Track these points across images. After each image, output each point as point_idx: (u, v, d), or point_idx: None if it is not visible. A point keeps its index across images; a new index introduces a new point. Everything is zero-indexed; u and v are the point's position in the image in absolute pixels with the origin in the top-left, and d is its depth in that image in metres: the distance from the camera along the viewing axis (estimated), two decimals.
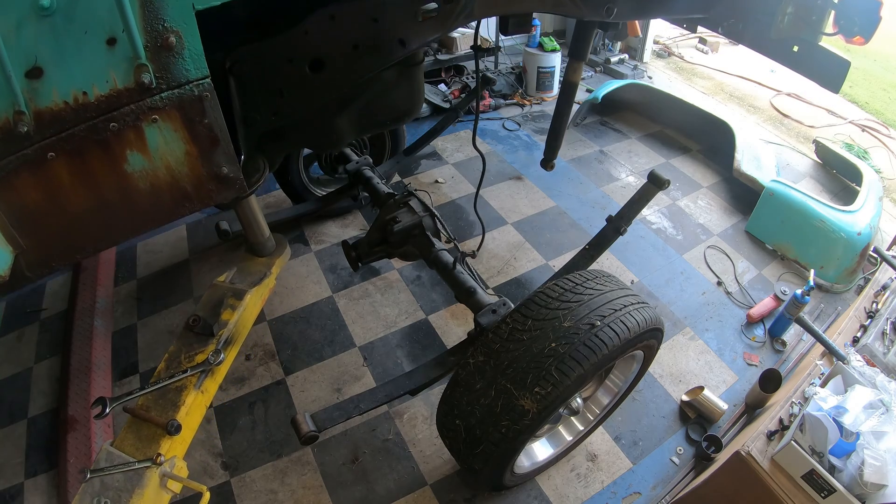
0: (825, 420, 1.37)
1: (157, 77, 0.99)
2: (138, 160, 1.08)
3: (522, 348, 1.35)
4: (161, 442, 1.37)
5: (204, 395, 1.54)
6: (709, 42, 5.28)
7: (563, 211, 3.06)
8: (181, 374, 1.48)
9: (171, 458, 1.38)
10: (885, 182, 3.42)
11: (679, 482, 1.88)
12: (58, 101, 0.94)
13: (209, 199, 1.24)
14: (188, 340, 1.60)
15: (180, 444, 1.45)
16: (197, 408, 1.51)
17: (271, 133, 1.52)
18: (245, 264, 1.93)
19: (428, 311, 2.46)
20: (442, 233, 1.98)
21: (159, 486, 1.33)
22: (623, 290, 1.49)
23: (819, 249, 2.64)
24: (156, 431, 1.39)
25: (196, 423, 1.54)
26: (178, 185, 1.16)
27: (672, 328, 2.41)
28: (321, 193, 2.86)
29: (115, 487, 1.28)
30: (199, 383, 1.50)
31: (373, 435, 1.99)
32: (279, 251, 2.01)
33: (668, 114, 3.81)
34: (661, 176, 1.90)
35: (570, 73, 2.26)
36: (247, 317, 1.75)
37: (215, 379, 1.59)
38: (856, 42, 1.52)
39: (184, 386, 1.48)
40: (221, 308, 1.68)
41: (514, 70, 4.44)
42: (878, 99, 4.63)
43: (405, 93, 1.80)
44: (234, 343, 1.67)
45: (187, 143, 1.12)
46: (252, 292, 1.76)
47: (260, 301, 1.86)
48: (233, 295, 1.74)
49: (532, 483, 1.87)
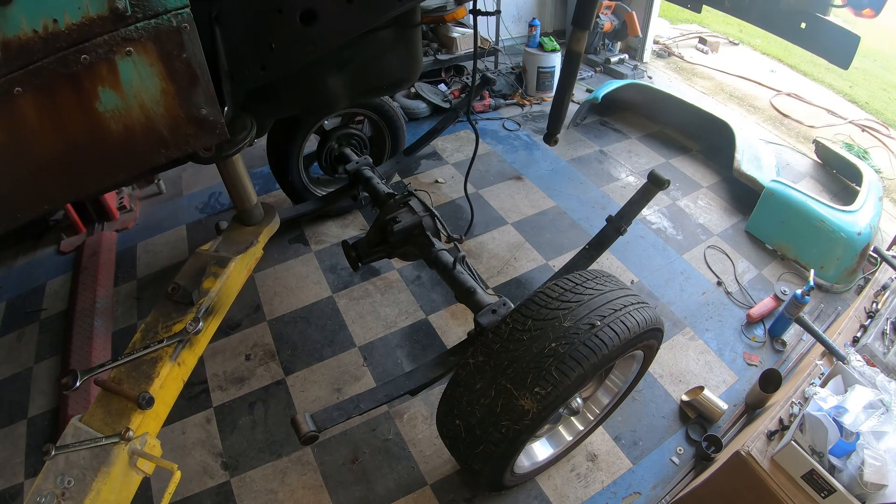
0: (825, 420, 1.37)
1: (132, 4, 0.92)
2: (111, 98, 1.00)
3: (522, 348, 1.35)
4: (131, 416, 1.27)
5: (181, 368, 1.44)
6: (709, 42, 5.28)
7: (563, 211, 3.06)
8: (156, 344, 1.38)
9: (143, 434, 1.28)
10: (885, 182, 3.42)
11: (679, 482, 1.88)
12: (26, 30, 0.87)
13: (186, 143, 1.15)
14: (166, 310, 1.50)
15: (153, 419, 1.36)
16: (172, 381, 1.41)
17: (260, 92, 1.44)
18: (231, 233, 1.84)
19: (428, 311, 2.46)
20: (442, 233, 1.98)
21: (128, 465, 1.24)
22: (623, 290, 1.49)
23: (819, 249, 2.64)
24: (126, 405, 1.29)
25: (172, 397, 1.44)
26: (153, 128, 1.08)
27: (672, 328, 2.41)
28: (321, 193, 2.86)
29: (80, 465, 1.19)
30: (175, 354, 1.40)
31: (373, 435, 1.99)
32: (268, 220, 1.92)
33: (668, 114, 3.81)
34: (661, 176, 1.90)
35: (574, 42, 2.18)
36: (230, 286, 1.65)
37: (194, 351, 1.49)
38: (865, 15, 1.47)
39: (159, 357, 1.38)
40: (203, 276, 1.58)
41: (514, 70, 4.44)
42: (878, 99, 4.63)
43: (402, 57, 1.73)
44: (215, 313, 1.57)
45: (163, 79, 1.03)
46: (237, 260, 1.67)
47: (245, 270, 1.76)
48: (216, 263, 1.63)
49: (532, 483, 1.87)
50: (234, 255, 1.68)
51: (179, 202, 3.18)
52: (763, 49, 5.49)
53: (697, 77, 4.76)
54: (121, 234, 2.94)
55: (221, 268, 1.62)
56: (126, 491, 1.25)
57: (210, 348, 2.30)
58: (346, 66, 1.59)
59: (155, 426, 1.38)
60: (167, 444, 1.96)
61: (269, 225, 1.91)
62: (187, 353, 1.46)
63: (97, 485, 1.17)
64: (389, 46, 1.65)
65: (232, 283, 1.66)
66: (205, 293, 1.54)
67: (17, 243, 2.88)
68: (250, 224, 1.89)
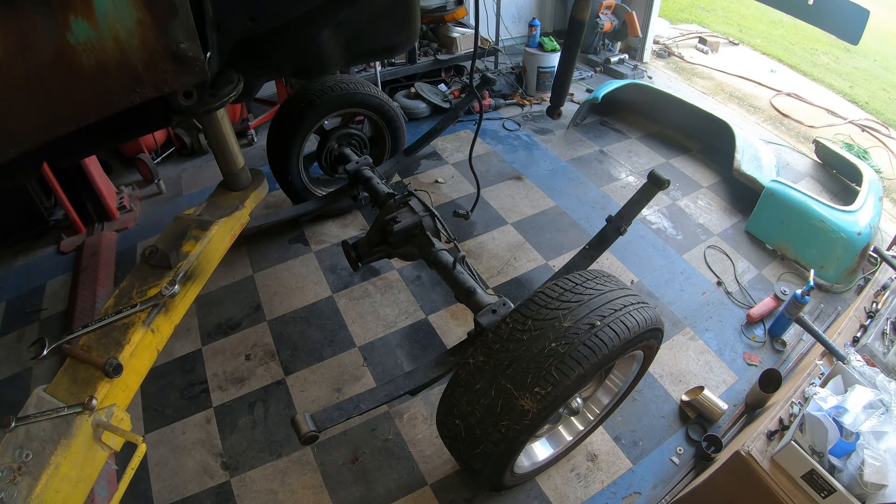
0: (825, 420, 1.37)
1: None
2: (83, 29, 0.93)
3: (522, 348, 1.35)
4: (98, 385, 1.18)
5: (155, 335, 1.35)
6: (709, 42, 5.28)
7: (563, 211, 3.06)
8: (129, 309, 1.29)
9: (110, 406, 1.19)
10: (885, 182, 3.42)
11: (679, 482, 1.88)
12: None
13: (163, 81, 1.07)
14: (142, 274, 1.40)
15: (122, 390, 1.26)
16: (145, 348, 1.31)
17: (250, 48, 1.39)
18: (217, 198, 1.75)
19: (428, 311, 2.46)
20: (442, 233, 1.98)
21: (92, 438, 1.14)
22: (623, 290, 1.49)
23: (819, 249, 2.64)
24: (94, 374, 1.20)
25: (144, 367, 1.35)
26: (127, 63, 1.00)
27: (672, 328, 2.41)
28: (321, 193, 2.86)
29: (40, 438, 1.11)
30: (148, 320, 1.30)
31: (373, 435, 1.99)
32: (255, 184, 1.84)
33: (668, 114, 3.81)
34: (661, 176, 1.90)
35: (577, 11, 2.14)
36: (212, 250, 1.56)
37: (170, 317, 1.40)
38: None
39: (131, 323, 1.29)
40: (183, 240, 1.49)
41: (514, 70, 4.44)
42: (878, 99, 4.63)
43: (399, 21, 1.68)
44: (195, 278, 1.48)
45: (140, 9, 0.96)
46: (220, 223, 1.58)
47: (229, 235, 1.67)
48: (197, 226, 1.54)
49: (532, 483, 1.87)
50: (218, 219, 1.59)
51: (179, 202, 3.18)
52: (763, 49, 5.49)
53: (697, 77, 4.76)
54: (121, 234, 2.94)
55: (203, 231, 1.53)
56: (89, 467, 1.16)
57: (210, 348, 2.30)
58: (342, 27, 1.52)
59: (124, 398, 1.27)
60: (167, 443, 1.96)
61: (256, 190, 1.81)
62: (162, 320, 1.36)
63: (56, 458, 1.09)
64: (387, 9, 1.60)
65: (214, 248, 1.56)
66: (184, 256, 1.44)
67: (17, 243, 2.88)
68: (237, 189, 1.79)
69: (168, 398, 2.13)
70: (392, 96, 3.90)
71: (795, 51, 5.59)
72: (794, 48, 5.67)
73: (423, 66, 3.98)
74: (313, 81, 2.59)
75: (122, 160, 3.41)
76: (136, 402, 2.11)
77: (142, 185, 3.27)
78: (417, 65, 3.94)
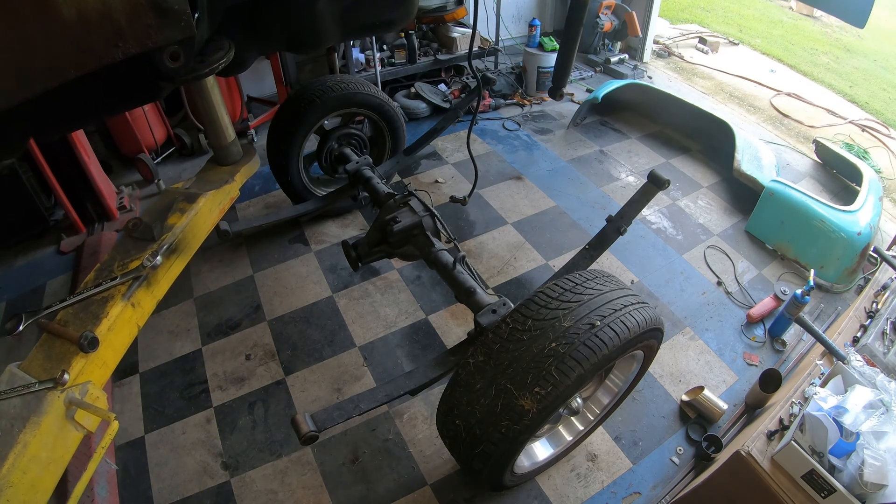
0: (825, 420, 1.37)
1: None
2: None
3: (522, 348, 1.35)
4: (72, 361, 1.12)
5: (135, 310, 1.29)
6: (709, 42, 5.28)
7: (563, 211, 3.06)
8: (109, 282, 1.23)
9: (84, 383, 1.12)
10: (885, 182, 3.42)
11: (679, 482, 1.88)
12: None
13: (147, 36, 1.02)
14: (125, 247, 1.35)
15: (99, 367, 1.20)
16: (124, 323, 1.25)
17: (242, 17, 1.35)
18: (206, 173, 1.70)
19: (428, 311, 2.46)
20: (442, 233, 1.98)
21: (64, 417, 1.07)
22: (623, 290, 1.49)
23: (819, 249, 2.64)
24: (69, 349, 1.15)
25: (123, 343, 1.28)
26: (109, 16, 0.97)
27: (672, 328, 2.41)
28: (321, 193, 2.86)
29: (9, 415, 1.04)
30: (129, 293, 1.25)
31: (373, 435, 1.99)
32: (246, 159, 1.78)
33: (668, 114, 3.81)
34: (661, 176, 1.90)
35: None
36: (199, 223, 1.52)
37: (152, 291, 1.34)
38: None
39: (110, 296, 1.23)
40: (169, 213, 1.44)
41: (514, 70, 4.44)
42: (878, 99, 4.63)
43: None
44: (180, 251, 1.43)
45: None
46: (207, 196, 1.53)
47: (217, 209, 1.63)
48: (184, 199, 1.49)
49: (532, 483, 1.87)
50: (205, 192, 1.54)
51: None
52: (763, 49, 5.49)
53: (697, 77, 4.76)
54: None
55: (190, 203, 1.48)
56: (61, 448, 1.09)
57: (210, 348, 2.30)
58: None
59: (101, 375, 1.21)
60: (167, 443, 1.96)
61: (247, 164, 1.75)
62: (143, 294, 1.30)
63: (24, 437, 1.02)
64: None
65: (201, 221, 1.52)
66: (168, 229, 1.39)
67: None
68: (227, 164, 1.74)
69: (168, 398, 2.13)
70: (392, 96, 3.91)
71: (795, 51, 5.60)
72: (794, 48, 5.67)
73: (423, 66, 3.98)
74: (312, 81, 2.59)
75: (122, 160, 3.41)
76: (136, 402, 2.12)
77: (142, 185, 3.27)
78: (417, 65, 3.95)
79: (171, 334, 2.37)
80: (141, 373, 2.22)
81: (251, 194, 3.20)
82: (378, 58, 3.74)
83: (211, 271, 2.67)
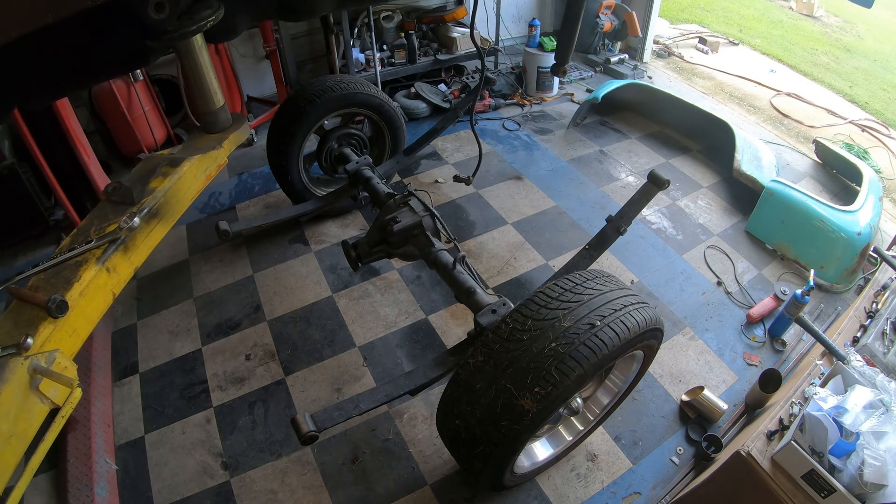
0: (825, 420, 1.37)
1: None
2: None
3: (522, 348, 1.35)
4: (39, 327, 1.04)
5: (110, 276, 1.21)
6: (709, 42, 5.28)
7: (563, 211, 3.06)
8: (84, 245, 1.17)
9: (52, 351, 1.04)
10: (885, 182, 3.42)
11: (679, 482, 1.88)
12: None
13: None
14: (103, 212, 1.29)
15: (68, 335, 1.12)
16: (98, 289, 1.17)
17: None
18: (193, 141, 1.63)
19: (428, 311, 2.46)
20: (442, 233, 1.98)
21: (28, 387, 0.99)
22: (623, 290, 1.49)
23: (819, 249, 2.64)
24: (37, 315, 1.07)
25: (96, 311, 1.20)
26: None
27: (672, 328, 2.41)
28: (321, 193, 2.86)
29: None
30: (103, 257, 1.18)
31: (373, 435, 1.99)
32: (235, 126, 1.71)
33: (668, 114, 3.81)
34: (661, 176, 1.90)
35: None
36: (182, 188, 1.44)
37: (129, 257, 1.27)
38: None
39: (84, 260, 1.16)
40: (152, 177, 1.37)
41: (514, 70, 4.44)
42: (878, 99, 4.63)
43: None
44: (161, 216, 1.36)
45: None
46: (192, 161, 1.47)
47: (203, 175, 1.56)
48: (168, 163, 1.43)
49: (532, 483, 1.87)
50: (190, 157, 1.47)
51: None
52: (763, 49, 5.49)
53: (697, 77, 4.76)
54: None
55: (173, 167, 1.42)
56: (24, 422, 1.00)
57: (210, 348, 2.30)
58: None
59: (70, 344, 1.13)
60: (167, 443, 1.96)
61: (236, 131, 1.68)
62: (119, 258, 1.22)
63: None
64: None
65: (185, 186, 1.44)
66: (149, 192, 1.32)
67: (17, 243, 2.88)
68: (215, 131, 1.66)
69: (168, 398, 2.13)
70: (392, 96, 3.90)
71: (795, 51, 5.60)
72: (794, 48, 5.67)
73: (423, 66, 3.98)
74: (312, 81, 2.59)
75: (122, 160, 3.41)
76: (136, 402, 2.12)
77: None
78: (417, 65, 3.95)
79: (171, 334, 2.37)
80: (141, 373, 2.22)
81: (251, 194, 3.20)
82: (378, 58, 3.74)
83: (211, 271, 2.67)
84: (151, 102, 3.23)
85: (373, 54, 3.67)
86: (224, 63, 3.39)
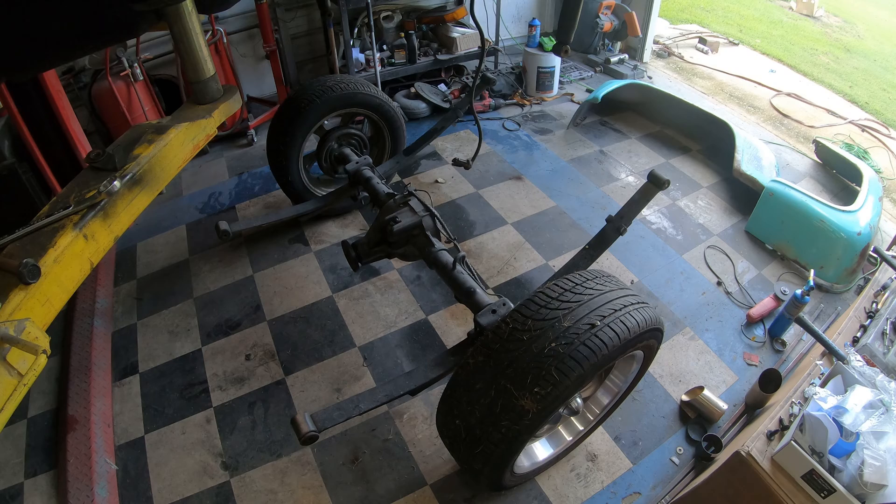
0: (825, 420, 1.37)
1: None
2: None
3: (522, 348, 1.35)
4: (9, 294, 0.99)
5: (88, 243, 1.15)
6: (709, 42, 5.28)
7: (563, 211, 3.06)
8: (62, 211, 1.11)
9: (22, 320, 0.97)
10: (885, 182, 3.42)
11: (679, 482, 1.88)
12: None
13: None
14: (84, 178, 1.24)
15: (41, 303, 1.06)
16: (74, 256, 1.12)
17: None
18: (183, 111, 1.59)
19: (428, 311, 2.46)
20: (442, 233, 1.98)
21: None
22: (623, 290, 1.49)
23: (819, 249, 2.64)
24: (8, 282, 1.01)
25: (72, 278, 1.15)
26: None
27: (672, 328, 2.41)
28: (321, 193, 2.86)
29: None
30: (81, 223, 1.13)
31: (373, 435, 1.99)
32: (226, 97, 1.67)
33: (668, 114, 3.81)
34: (660, 176, 1.90)
35: None
36: (169, 155, 1.40)
37: (108, 224, 1.21)
38: None
39: (62, 226, 1.11)
40: (137, 144, 1.33)
41: (514, 70, 4.44)
42: (878, 99, 4.63)
43: None
44: (145, 184, 1.30)
45: None
46: (180, 129, 1.43)
47: (191, 144, 1.52)
48: (154, 131, 1.39)
49: (532, 483, 1.87)
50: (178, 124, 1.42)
51: (179, 202, 3.18)
52: (763, 49, 5.49)
53: (697, 77, 4.76)
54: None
55: (159, 135, 1.37)
56: None
57: (210, 348, 2.30)
58: None
59: (43, 313, 1.07)
60: (167, 443, 1.96)
61: (227, 101, 1.63)
62: (98, 225, 1.16)
63: None
64: None
65: (171, 153, 1.39)
66: (133, 159, 1.27)
67: None
68: (205, 101, 1.61)
69: (168, 398, 2.13)
70: (392, 96, 3.91)
71: (795, 51, 5.60)
72: (794, 48, 5.67)
73: (423, 66, 3.98)
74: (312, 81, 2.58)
75: None
76: (136, 402, 2.12)
77: None
78: (417, 65, 3.95)
79: (171, 334, 2.37)
80: (140, 373, 2.22)
81: (251, 194, 3.20)
82: (378, 58, 3.74)
83: (211, 271, 2.68)
84: (151, 102, 3.23)
85: (373, 54, 3.68)
86: (224, 63, 3.39)
